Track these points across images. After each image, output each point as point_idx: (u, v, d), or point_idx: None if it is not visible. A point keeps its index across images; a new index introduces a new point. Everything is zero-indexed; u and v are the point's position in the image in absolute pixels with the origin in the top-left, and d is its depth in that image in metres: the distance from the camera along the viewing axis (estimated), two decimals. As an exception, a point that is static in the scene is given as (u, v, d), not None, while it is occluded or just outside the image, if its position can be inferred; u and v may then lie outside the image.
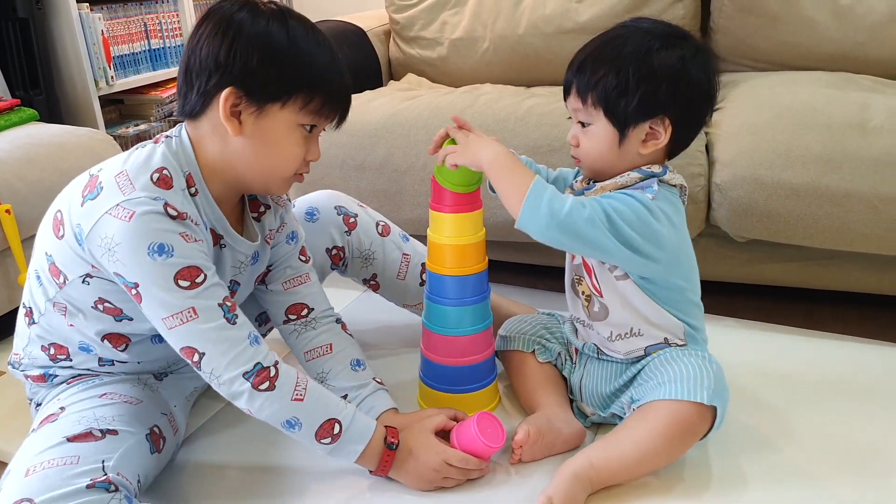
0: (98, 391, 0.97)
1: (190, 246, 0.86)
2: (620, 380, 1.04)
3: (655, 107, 0.92)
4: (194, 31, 0.89)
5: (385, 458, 0.96)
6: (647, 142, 0.95)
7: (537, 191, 0.91)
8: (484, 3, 1.86)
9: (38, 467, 0.83)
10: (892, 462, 1.01)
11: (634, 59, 0.91)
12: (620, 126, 0.94)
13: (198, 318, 0.86)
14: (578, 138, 0.98)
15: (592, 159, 0.98)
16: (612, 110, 0.93)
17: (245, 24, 0.86)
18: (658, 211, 0.93)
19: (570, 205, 0.90)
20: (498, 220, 1.44)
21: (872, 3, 1.60)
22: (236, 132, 0.89)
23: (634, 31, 0.94)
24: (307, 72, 0.89)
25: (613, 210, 0.91)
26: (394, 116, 1.52)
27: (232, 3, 0.89)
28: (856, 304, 1.45)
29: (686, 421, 0.93)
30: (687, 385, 0.93)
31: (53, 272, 0.92)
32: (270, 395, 0.89)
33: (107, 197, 0.85)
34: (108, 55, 2.17)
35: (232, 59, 0.86)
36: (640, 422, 0.94)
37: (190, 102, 0.90)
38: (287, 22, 0.88)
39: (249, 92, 0.87)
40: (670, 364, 0.97)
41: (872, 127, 1.27)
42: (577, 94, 0.96)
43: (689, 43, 0.95)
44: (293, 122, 0.91)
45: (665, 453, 0.94)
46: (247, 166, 0.93)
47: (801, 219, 1.28)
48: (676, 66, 0.92)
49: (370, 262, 1.26)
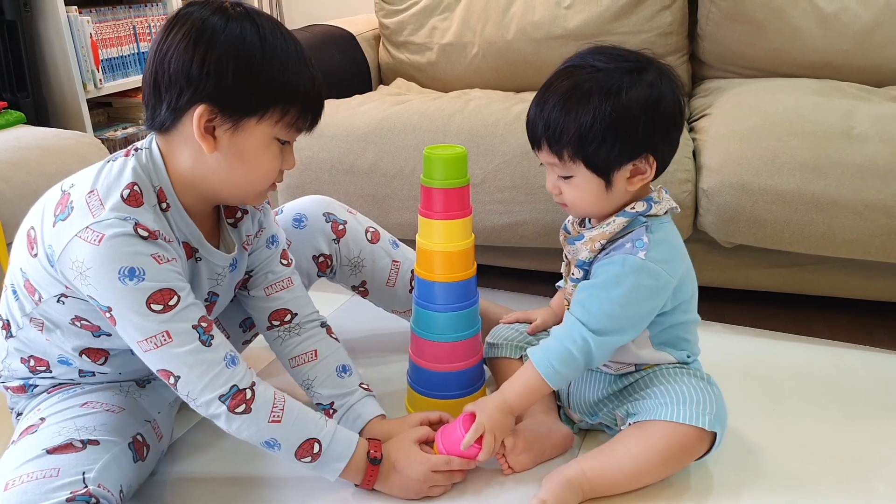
0: (79, 400, 0.95)
1: (162, 268, 0.84)
2: (610, 388, 1.04)
3: (636, 147, 0.90)
4: (161, 38, 0.83)
5: (369, 472, 0.96)
6: (633, 178, 0.92)
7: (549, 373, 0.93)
8: (473, 8, 1.86)
9: (16, 481, 0.81)
10: (878, 467, 1.02)
11: (605, 105, 0.87)
12: (605, 175, 0.91)
13: (172, 341, 0.84)
14: (560, 188, 0.96)
15: (581, 208, 0.96)
16: (593, 163, 0.91)
17: (218, 31, 0.81)
18: (653, 268, 0.90)
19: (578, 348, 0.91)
20: (487, 224, 1.45)
21: (857, 12, 1.62)
22: (211, 149, 0.85)
23: (594, 73, 0.89)
24: (282, 82, 0.85)
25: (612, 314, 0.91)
26: (383, 121, 1.52)
27: (201, 8, 0.84)
28: (842, 309, 1.46)
29: (685, 443, 0.93)
30: (690, 408, 0.92)
31: (28, 289, 0.90)
32: (247, 418, 0.88)
33: (76, 219, 0.83)
34: (96, 58, 2.16)
35: (205, 75, 0.81)
36: (639, 439, 0.94)
37: (160, 116, 0.85)
38: (259, 26, 0.83)
39: (224, 108, 0.83)
40: (670, 383, 0.97)
41: (857, 134, 1.28)
42: (551, 151, 0.92)
43: (653, 65, 0.91)
44: (270, 136, 0.87)
45: (659, 472, 0.95)
46: (222, 181, 0.89)
47: (788, 225, 1.29)
48: (649, 98, 0.89)
49: (359, 270, 1.25)
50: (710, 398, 0.94)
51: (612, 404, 1.03)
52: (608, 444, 0.97)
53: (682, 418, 0.92)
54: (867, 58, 1.62)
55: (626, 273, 0.91)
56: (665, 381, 0.97)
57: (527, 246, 1.49)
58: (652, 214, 0.94)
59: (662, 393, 0.96)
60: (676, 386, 0.96)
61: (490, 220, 1.44)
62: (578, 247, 0.97)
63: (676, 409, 0.93)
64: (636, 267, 0.90)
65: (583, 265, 0.97)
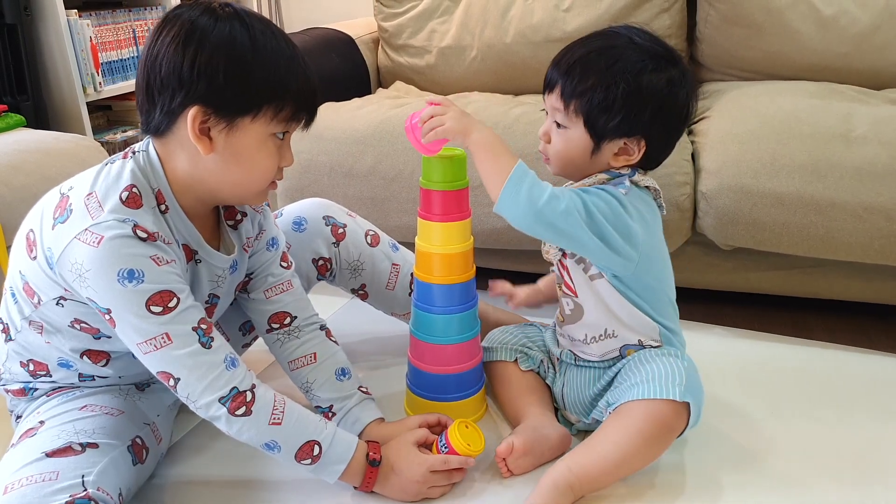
0: (78, 403, 0.95)
1: (161, 269, 0.84)
2: (599, 384, 1.04)
3: (635, 128, 0.94)
4: (151, 41, 0.83)
5: (368, 474, 0.96)
6: (619, 156, 0.96)
7: (518, 176, 0.90)
8: (472, 11, 1.86)
9: (16, 484, 0.81)
10: (877, 470, 1.02)
11: (624, 78, 0.91)
12: (597, 138, 0.95)
13: (172, 343, 0.84)
14: (550, 135, 0.99)
15: (561, 160, 0.99)
16: (592, 123, 0.94)
17: (207, 31, 0.81)
18: (630, 207, 0.94)
19: (548, 194, 0.90)
20: (486, 227, 1.45)
21: (856, 15, 1.62)
22: (207, 151, 0.85)
23: (628, 46, 0.94)
24: (275, 79, 0.85)
25: (591, 202, 0.92)
26: (382, 124, 1.52)
27: (190, 9, 0.83)
28: (841, 311, 1.46)
29: (661, 419, 0.93)
30: (658, 384, 0.94)
31: (28, 292, 0.90)
32: (247, 420, 0.88)
33: (76, 221, 0.83)
34: (96, 61, 2.17)
35: (196, 76, 0.81)
36: (617, 423, 0.95)
37: (154, 120, 0.85)
38: (248, 25, 0.83)
39: (217, 108, 0.83)
40: (644, 365, 0.98)
41: (856, 137, 1.29)
42: (561, 96, 0.96)
43: (678, 67, 0.95)
44: (266, 133, 0.87)
45: (644, 453, 0.95)
46: (220, 182, 0.89)
47: (786, 227, 1.29)
48: (664, 90, 0.93)
49: (359, 273, 1.25)
50: (679, 370, 0.95)
51: (601, 399, 1.04)
52: (590, 436, 0.98)
53: (652, 394, 0.93)
54: (866, 60, 1.63)
55: (603, 192, 0.94)
56: (640, 365, 0.98)
57: (526, 249, 1.49)
58: (635, 181, 0.97)
59: (635, 374, 0.97)
60: (648, 366, 0.97)
61: (489, 223, 1.45)
62: None
63: (646, 387, 0.94)
64: (614, 192, 0.94)
65: None
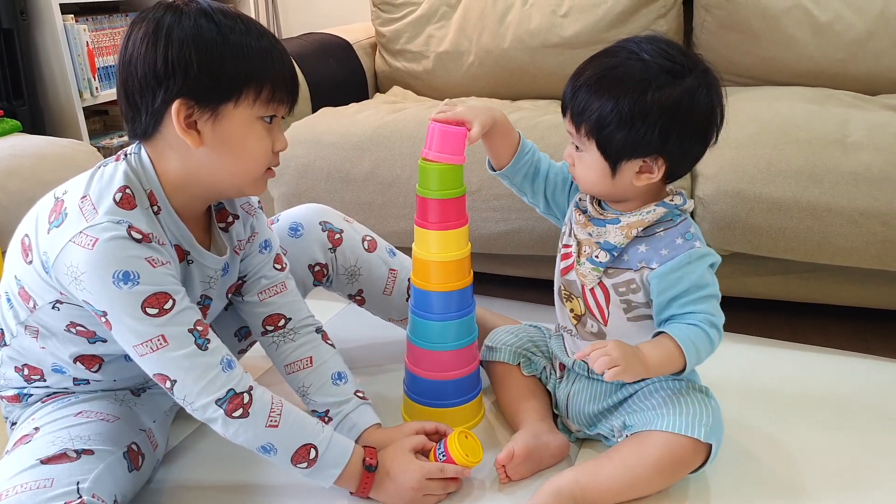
0: (73, 409, 0.95)
1: (156, 271, 0.84)
2: (610, 400, 1.03)
3: (649, 147, 0.91)
4: (123, 46, 0.85)
5: (364, 480, 0.95)
6: (640, 174, 0.93)
7: (692, 362, 0.93)
8: (469, 17, 1.87)
9: (10, 492, 0.81)
10: (875, 474, 1.02)
11: (629, 97, 0.89)
12: (612, 161, 0.93)
13: (168, 345, 0.84)
14: (574, 159, 0.98)
15: (587, 185, 0.99)
16: (603, 146, 0.92)
17: (173, 27, 0.83)
18: (711, 251, 0.96)
19: (716, 336, 0.94)
20: (483, 232, 1.45)
21: (851, 21, 1.63)
22: (197, 144, 0.86)
23: (635, 62, 0.90)
24: (249, 62, 0.85)
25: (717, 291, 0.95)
26: (380, 129, 1.52)
27: (154, 10, 0.85)
28: (839, 316, 1.46)
29: (681, 455, 0.93)
30: (686, 419, 0.92)
31: (23, 296, 0.90)
32: (244, 422, 0.88)
33: (70, 224, 0.83)
34: (92, 66, 2.17)
35: (172, 70, 0.82)
36: (635, 449, 0.94)
37: (140, 125, 0.86)
38: (213, 16, 0.84)
39: (199, 98, 0.84)
40: (669, 395, 0.97)
41: (852, 142, 1.29)
42: (571, 120, 0.94)
43: (698, 72, 0.91)
44: (251, 117, 0.88)
45: (655, 483, 0.95)
46: (215, 174, 0.90)
47: (783, 232, 1.30)
48: (674, 103, 0.89)
49: (356, 279, 1.25)
50: (707, 410, 0.94)
51: (611, 416, 1.03)
52: (604, 454, 0.97)
53: (677, 428, 0.92)
54: (861, 66, 1.63)
55: (698, 262, 0.94)
56: (663, 394, 0.97)
57: (523, 254, 1.49)
58: (685, 209, 0.97)
59: (660, 404, 0.96)
60: (674, 397, 0.96)
61: (486, 228, 1.44)
62: (609, 229, 0.97)
63: (673, 419, 0.93)
64: (702, 254, 0.95)
65: (611, 248, 0.97)
